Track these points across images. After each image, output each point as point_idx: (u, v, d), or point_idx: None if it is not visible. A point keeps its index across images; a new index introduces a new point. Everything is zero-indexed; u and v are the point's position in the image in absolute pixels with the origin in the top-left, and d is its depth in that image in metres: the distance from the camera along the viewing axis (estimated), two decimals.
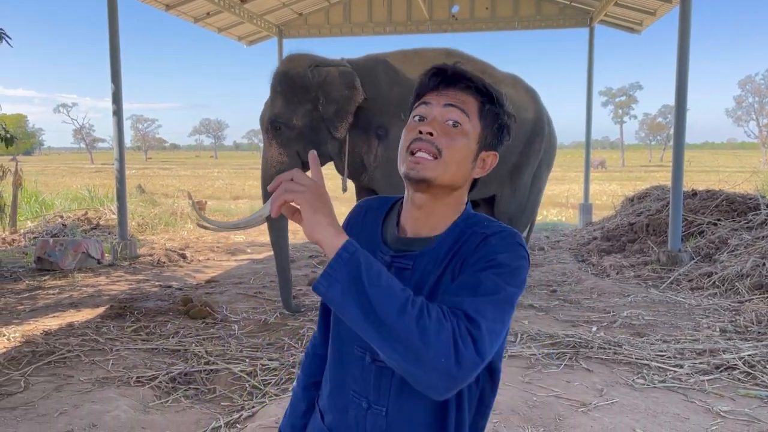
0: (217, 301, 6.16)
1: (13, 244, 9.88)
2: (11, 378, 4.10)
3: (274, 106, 5.28)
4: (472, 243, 1.17)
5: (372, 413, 1.22)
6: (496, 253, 1.12)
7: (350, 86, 5.15)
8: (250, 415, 3.69)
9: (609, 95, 68.15)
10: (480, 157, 1.24)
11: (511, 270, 1.11)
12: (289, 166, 5.37)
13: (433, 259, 1.19)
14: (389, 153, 5.32)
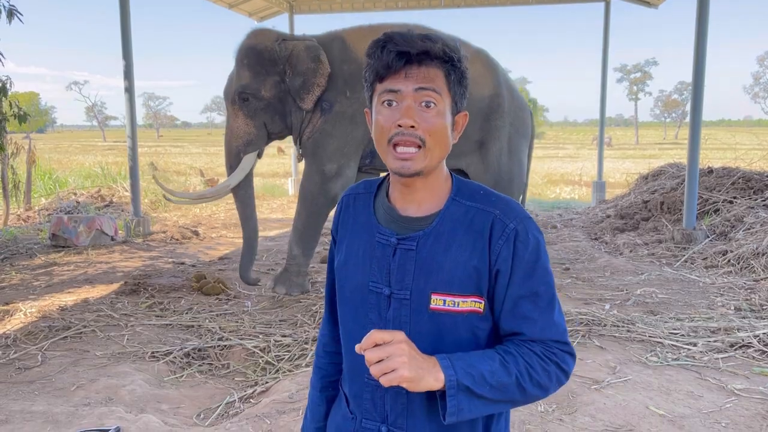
0: (230, 278, 6.20)
1: (28, 221, 9.97)
2: (29, 352, 4.16)
3: (241, 78, 5.38)
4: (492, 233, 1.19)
5: (391, 392, 1.23)
6: (537, 256, 1.20)
7: (315, 59, 5.26)
8: (264, 390, 3.72)
9: (624, 72, 67.29)
10: (455, 123, 1.24)
11: (546, 261, 1.22)
12: (255, 136, 5.48)
13: (437, 239, 1.20)
14: (326, 126, 5.41)
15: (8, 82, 7.21)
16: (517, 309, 1.18)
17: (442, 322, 1.19)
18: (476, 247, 1.17)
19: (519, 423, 3.13)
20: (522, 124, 5.86)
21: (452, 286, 1.18)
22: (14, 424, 3.11)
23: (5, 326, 4.74)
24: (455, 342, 1.19)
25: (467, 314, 1.18)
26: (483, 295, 1.18)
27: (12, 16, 6.85)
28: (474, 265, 1.17)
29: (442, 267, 1.18)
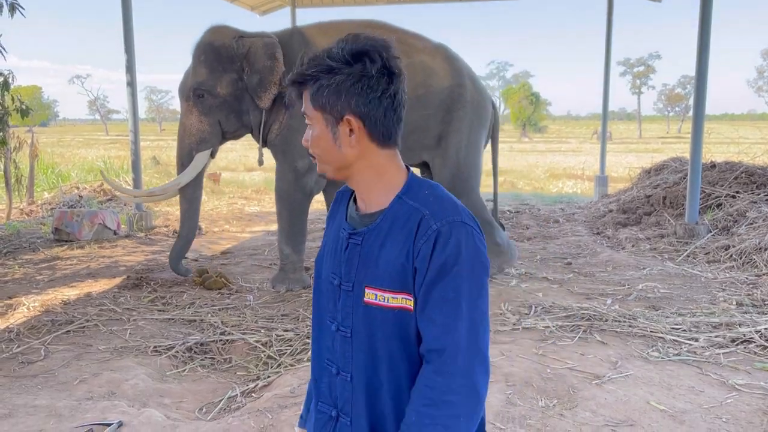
0: (232, 272, 6.21)
1: (31, 215, 9.99)
2: (32, 346, 4.18)
3: (198, 74, 5.36)
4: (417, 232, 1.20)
5: (340, 379, 1.31)
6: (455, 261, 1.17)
7: (271, 57, 5.24)
8: (266, 384, 3.74)
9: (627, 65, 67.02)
10: (340, 132, 1.24)
11: (468, 269, 1.18)
12: (209, 134, 5.45)
13: (376, 236, 1.25)
14: (292, 122, 5.39)
15: (10, 76, 7.21)
16: (426, 310, 1.19)
17: (374, 315, 1.24)
18: (405, 245, 1.21)
19: (520, 418, 3.14)
20: (483, 114, 5.84)
21: (383, 282, 1.22)
22: (18, 417, 3.12)
23: (8, 320, 4.76)
24: (386, 337, 1.24)
25: (397, 311, 1.22)
26: (412, 293, 1.21)
27: (14, 10, 6.84)
28: (402, 263, 1.21)
29: (377, 263, 1.23)
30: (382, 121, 1.23)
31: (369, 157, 1.26)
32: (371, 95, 1.21)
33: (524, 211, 10.56)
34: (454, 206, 1.22)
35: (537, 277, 5.99)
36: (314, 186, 5.53)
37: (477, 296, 1.19)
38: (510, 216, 9.92)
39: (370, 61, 1.20)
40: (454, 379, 1.15)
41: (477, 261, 1.19)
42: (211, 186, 13.59)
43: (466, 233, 1.19)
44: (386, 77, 1.21)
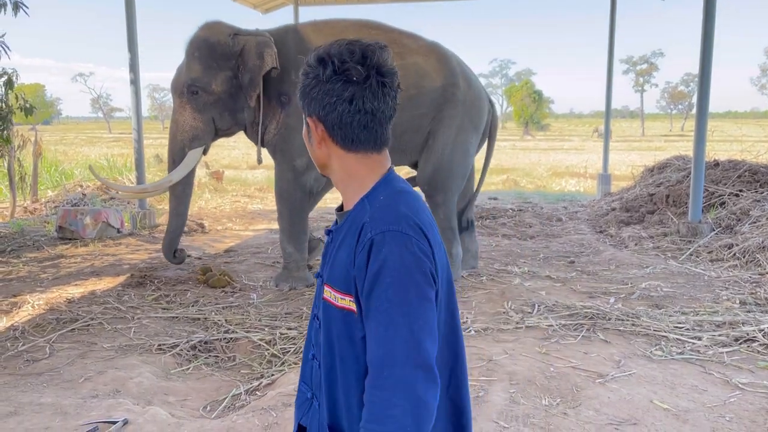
0: (235, 271, 6.23)
1: (35, 213, 10.02)
2: (36, 344, 4.20)
3: (192, 71, 5.34)
4: (358, 239, 1.22)
5: (314, 364, 1.38)
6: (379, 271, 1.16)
7: (260, 56, 5.21)
8: (270, 382, 3.75)
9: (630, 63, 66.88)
10: (312, 133, 1.31)
11: (395, 279, 1.16)
12: (202, 131, 5.45)
13: (337, 236, 1.31)
14: (289, 120, 5.38)
15: (14, 74, 7.24)
16: (366, 321, 1.19)
17: (329, 312, 1.28)
18: (351, 251, 1.23)
19: (523, 416, 3.14)
20: (477, 115, 5.78)
21: (335, 282, 1.26)
22: (23, 415, 3.14)
23: (13, 318, 4.78)
24: (337, 334, 1.27)
25: (345, 311, 1.24)
26: (353, 296, 1.22)
27: (18, 8, 6.86)
28: (347, 267, 1.23)
29: (333, 262, 1.28)
30: (338, 125, 1.25)
31: (337, 159, 1.30)
32: (326, 100, 1.24)
33: (527, 209, 10.56)
34: (395, 214, 1.21)
35: (540, 276, 5.99)
36: (314, 184, 5.53)
37: (414, 304, 1.16)
38: (512, 214, 9.92)
39: (323, 67, 1.23)
40: (394, 393, 1.12)
41: (411, 268, 1.17)
42: (214, 184, 13.61)
43: (399, 242, 1.17)
44: (341, 83, 1.22)
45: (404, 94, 5.26)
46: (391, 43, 5.39)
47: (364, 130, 1.26)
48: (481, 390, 3.45)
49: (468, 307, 4.98)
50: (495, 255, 6.98)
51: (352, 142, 1.27)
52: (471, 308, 4.96)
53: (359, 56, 1.22)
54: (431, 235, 1.23)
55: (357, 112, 1.24)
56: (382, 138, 1.30)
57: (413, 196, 1.30)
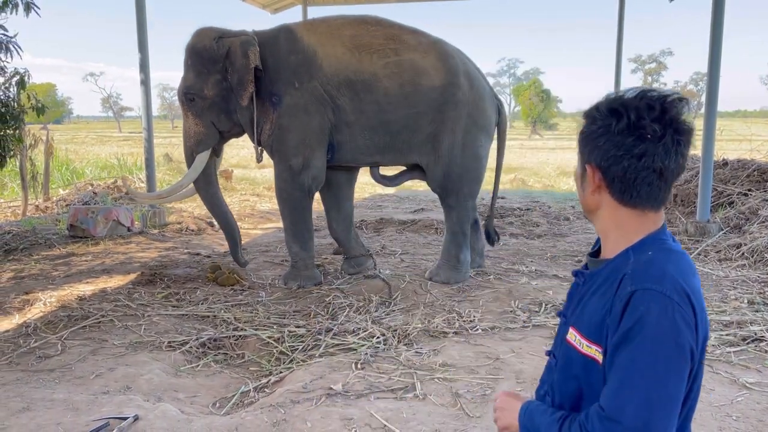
0: (244, 269, 6.27)
1: (47, 211, 10.11)
2: (48, 341, 4.25)
3: (186, 79, 5.49)
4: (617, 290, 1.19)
5: (547, 400, 1.40)
6: (639, 329, 1.13)
7: (245, 55, 5.25)
8: (278, 380, 3.79)
9: (638, 62, 66.63)
10: (587, 179, 1.29)
11: (650, 341, 1.12)
12: (205, 135, 5.56)
13: (593, 282, 1.29)
14: (282, 120, 5.38)
15: (26, 74, 7.30)
16: (608, 368, 1.18)
17: (570, 356, 1.29)
18: (607, 300, 1.21)
19: None
20: (482, 117, 5.65)
21: (583, 328, 1.26)
22: (36, 411, 3.19)
23: (25, 315, 4.84)
24: (575, 377, 1.28)
25: (588, 359, 1.24)
26: (603, 346, 1.20)
27: (29, 9, 6.93)
28: (602, 316, 1.21)
29: (584, 308, 1.28)
30: (620, 179, 1.22)
31: (609, 209, 1.27)
32: (612, 152, 1.21)
33: (535, 208, 10.55)
34: (661, 273, 1.16)
35: (547, 275, 6.00)
36: (312, 183, 5.52)
37: (660, 374, 1.11)
38: (520, 213, 9.92)
39: (616, 119, 1.20)
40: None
41: (666, 337, 1.12)
42: (223, 183, 13.67)
43: (659, 304, 1.13)
44: (633, 139, 1.18)
45: (399, 91, 5.18)
46: (389, 39, 5.41)
47: (648, 187, 1.21)
48: (488, 388, 3.47)
49: (475, 306, 5.00)
50: (502, 254, 6.99)
51: (632, 197, 1.23)
52: (478, 307, 4.98)
53: (658, 112, 1.18)
54: (697, 303, 1.16)
55: (644, 169, 1.19)
56: (664, 198, 1.25)
57: (684, 258, 1.24)
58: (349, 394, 3.39)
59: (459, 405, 3.27)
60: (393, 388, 3.48)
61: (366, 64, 5.31)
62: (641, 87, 1.23)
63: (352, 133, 5.44)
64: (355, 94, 5.33)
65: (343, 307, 5.03)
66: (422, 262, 6.59)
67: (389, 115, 5.38)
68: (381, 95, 5.33)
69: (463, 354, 3.98)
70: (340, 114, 5.37)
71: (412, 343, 4.23)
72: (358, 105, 5.35)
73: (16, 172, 9.87)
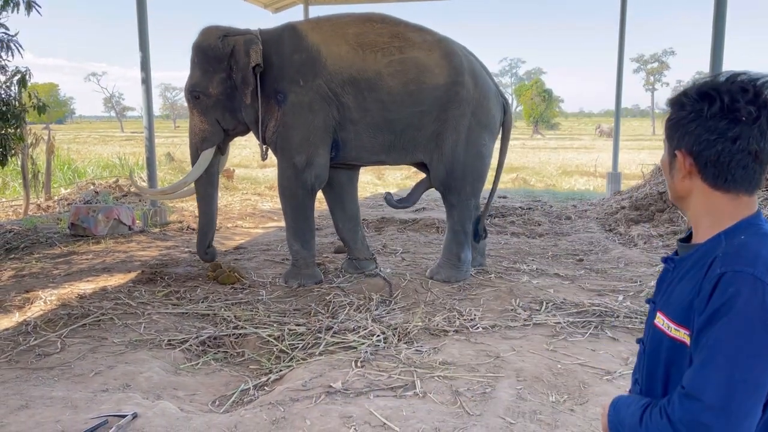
0: (245, 268, 6.27)
1: (48, 210, 10.12)
2: (48, 339, 4.25)
3: (192, 77, 5.54)
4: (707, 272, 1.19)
5: (636, 388, 1.42)
6: (727, 310, 1.12)
7: (247, 53, 5.29)
8: (278, 378, 3.78)
9: (641, 62, 66.47)
10: (676, 165, 1.29)
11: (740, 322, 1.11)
12: (210, 133, 5.61)
13: (683, 266, 1.29)
14: (286, 118, 5.40)
15: (27, 73, 7.31)
16: (692, 349, 1.19)
17: (658, 339, 1.30)
18: (696, 282, 1.21)
19: (530, 413, 3.15)
20: (486, 115, 5.63)
21: (671, 312, 1.26)
22: (35, 408, 3.18)
23: (26, 313, 4.84)
24: (664, 361, 1.29)
25: (676, 342, 1.24)
26: (691, 329, 1.20)
27: (30, 8, 6.93)
28: (690, 299, 1.21)
29: (673, 291, 1.28)
30: (714, 163, 1.21)
31: (702, 195, 1.27)
32: (704, 136, 1.21)
33: (536, 207, 10.54)
34: (753, 256, 1.16)
35: (548, 274, 5.99)
36: (315, 181, 5.52)
37: (744, 356, 1.10)
38: (522, 212, 9.91)
39: (708, 103, 1.20)
40: (694, 425, 1.11)
41: (755, 319, 1.10)
42: (225, 182, 13.67)
43: (751, 287, 1.12)
44: (727, 122, 1.18)
45: (403, 90, 5.18)
46: (393, 37, 5.42)
47: (743, 170, 1.21)
48: (488, 386, 3.46)
49: (476, 305, 4.99)
50: (504, 253, 6.98)
51: (726, 181, 1.22)
52: (479, 305, 4.97)
53: (752, 95, 1.17)
54: None
55: (739, 152, 1.19)
56: (759, 181, 1.23)
57: None
58: (349, 392, 3.38)
59: (459, 403, 3.26)
60: (393, 386, 3.47)
61: (370, 62, 5.32)
62: (729, 71, 1.22)
63: (356, 131, 5.45)
64: (360, 92, 5.33)
65: (344, 305, 5.02)
66: (423, 260, 6.58)
67: (393, 113, 5.39)
68: (385, 94, 5.33)
69: (463, 352, 3.97)
70: (344, 112, 5.38)
71: (412, 341, 4.22)
72: (362, 103, 5.35)
73: (18, 171, 9.89)
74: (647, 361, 1.34)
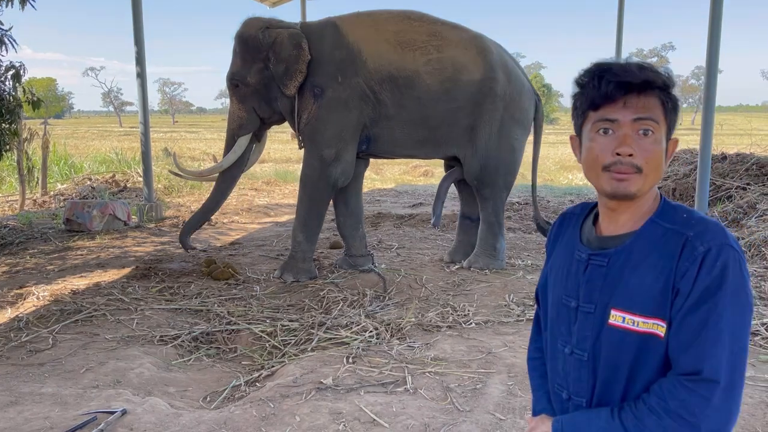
0: (239, 263, 6.26)
1: (44, 206, 10.10)
2: (40, 335, 4.24)
3: (233, 65, 5.67)
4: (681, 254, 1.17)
5: (572, 404, 1.32)
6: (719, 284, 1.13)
7: (297, 46, 5.39)
8: (270, 374, 3.77)
9: (640, 56, 66.38)
10: (668, 149, 1.26)
11: (732, 292, 1.13)
12: (246, 120, 5.73)
13: (628, 257, 1.22)
14: (321, 112, 5.49)
15: (22, 68, 7.28)
16: (682, 335, 1.15)
17: (619, 339, 1.22)
18: (665, 268, 1.17)
19: (520, 409, 3.15)
20: (519, 110, 5.76)
21: (633, 305, 1.20)
22: (23, 405, 3.17)
23: (18, 309, 4.82)
24: (627, 361, 1.22)
25: (646, 336, 1.19)
26: (666, 319, 1.17)
27: (25, 2, 6.90)
28: (660, 288, 1.17)
29: (628, 284, 1.21)
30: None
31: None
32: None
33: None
34: (721, 229, 1.18)
35: None
36: (339, 177, 5.58)
37: (739, 326, 1.13)
38: (518, 207, 9.89)
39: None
40: (704, 408, 1.11)
41: (742, 289, 1.14)
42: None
43: (733, 258, 1.14)
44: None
45: (440, 88, 5.30)
46: (431, 36, 5.52)
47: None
48: (479, 382, 3.45)
49: (470, 300, 4.98)
50: None
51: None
52: (473, 301, 4.96)
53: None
54: None
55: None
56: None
57: None
58: (339, 388, 3.37)
59: (449, 399, 3.25)
60: (384, 382, 3.46)
61: (409, 60, 5.43)
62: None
63: (390, 126, 5.56)
64: (397, 89, 5.44)
65: (337, 301, 5.01)
66: (418, 256, 6.57)
67: (429, 110, 5.50)
68: (422, 91, 5.45)
69: (455, 348, 3.96)
70: (380, 108, 5.49)
71: (405, 337, 4.22)
72: (399, 100, 5.46)
73: (14, 167, 9.86)
74: (602, 368, 1.25)
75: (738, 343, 1.13)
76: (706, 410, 1.11)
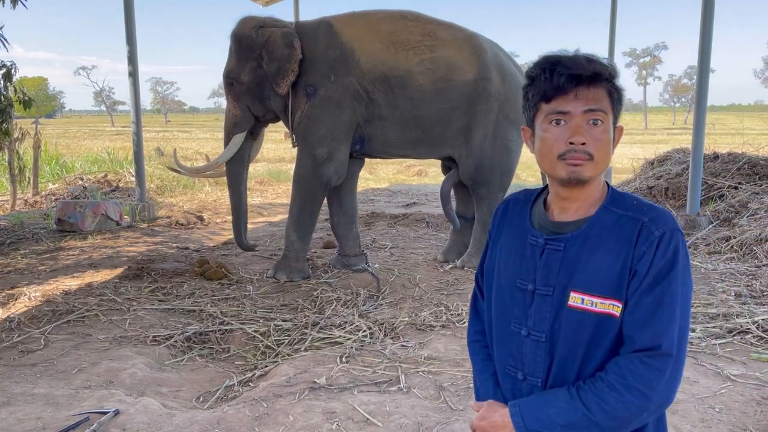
0: (232, 263, 6.24)
1: (35, 206, 10.05)
2: (32, 336, 4.21)
3: (228, 64, 5.72)
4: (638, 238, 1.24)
5: (527, 384, 1.35)
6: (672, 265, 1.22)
7: (289, 45, 5.41)
8: (263, 374, 3.77)
9: (633, 56, 66.63)
10: (615, 136, 1.31)
11: (682, 274, 1.23)
12: (240, 118, 5.76)
13: (584, 242, 1.28)
14: (314, 111, 5.51)
15: (13, 67, 7.24)
16: (638, 313, 1.22)
17: (578, 320, 1.27)
18: (621, 252, 1.24)
19: None
20: (514, 111, 5.73)
21: (592, 287, 1.25)
22: (15, 406, 3.16)
23: (10, 310, 4.80)
24: (584, 341, 1.27)
25: (603, 316, 1.25)
26: (622, 299, 1.24)
27: (16, 2, 6.86)
28: (617, 270, 1.24)
29: (586, 267, 1.26)
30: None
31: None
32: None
33: None
34: (670, 214, 1.27)
35: None
36: (332, 176, 5.58)
37: (687, 303, 1.23)
38: None
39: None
40: (660, 381, 1.19)
41: (688, 269, 1.24)
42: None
43: (682, 242, 1.23)
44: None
45: (432, 88, 5.30)
46: (425, 36, 5.53)
47: None
48: (471, 382, 3.45)
49: (463, 299, 4.99)
50: None
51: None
52: (466, 300, 4.96)
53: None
54: None
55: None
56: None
57: None
58: (333, 387, 3.37)
59: (443, 398, 3.26)
60: (377, 381, 3.47)
61: (402, 60, 5.44)
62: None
63: (383, 127, 5.56)
64: (390, 89, 5.45)
65: (331, 300, 5.01)
66: (412, 256, 6.58)
67: (422, 110, 5.51)
68: (415, 91, 5.45)
69: (449, 347, 3.97)
70: (373, 108, 5.49)
71: (398, 336, 4.22)
72: (392, 100, 5.47)
73: (5, 167, 9.80)
74: (560, 348, 1.29)
75: (685, 319, 1.22)
76: (661, 382, 1.19)
